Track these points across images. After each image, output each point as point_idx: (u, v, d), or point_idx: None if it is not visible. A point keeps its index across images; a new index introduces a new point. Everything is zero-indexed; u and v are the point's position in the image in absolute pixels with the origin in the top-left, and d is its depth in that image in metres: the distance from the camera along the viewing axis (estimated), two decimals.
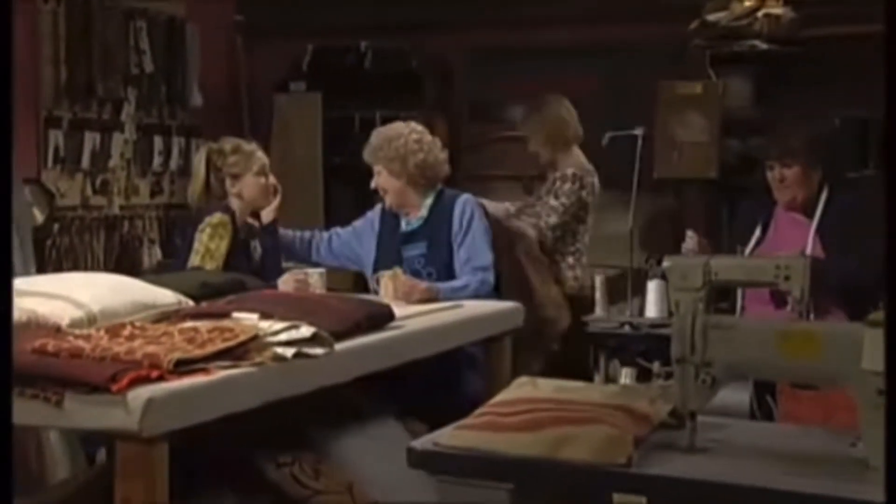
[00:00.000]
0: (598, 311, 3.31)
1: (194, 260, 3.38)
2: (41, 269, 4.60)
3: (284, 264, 3.78)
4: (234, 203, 3.55)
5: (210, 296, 2.82)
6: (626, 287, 3.44)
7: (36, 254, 4.61)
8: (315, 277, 3.51)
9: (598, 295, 3.36)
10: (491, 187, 5.64)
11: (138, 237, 5.22)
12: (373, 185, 3.69)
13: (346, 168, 5.67)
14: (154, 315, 2.63)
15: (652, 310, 3.16)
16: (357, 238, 3.82)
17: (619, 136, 3.81)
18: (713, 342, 1.80)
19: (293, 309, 2.64)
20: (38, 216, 4.66)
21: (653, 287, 3.16)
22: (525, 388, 2.02)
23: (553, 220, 4.22)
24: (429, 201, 3.67)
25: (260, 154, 3.62)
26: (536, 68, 5.59)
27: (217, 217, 3.42)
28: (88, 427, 2.01)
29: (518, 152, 5.62)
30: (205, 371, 2.16)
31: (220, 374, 2.17)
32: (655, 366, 3.10)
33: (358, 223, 3.86)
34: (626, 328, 3.17)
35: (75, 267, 4.89)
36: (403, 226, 3.70)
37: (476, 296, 3.52)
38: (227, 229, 3.43)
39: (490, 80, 5.74)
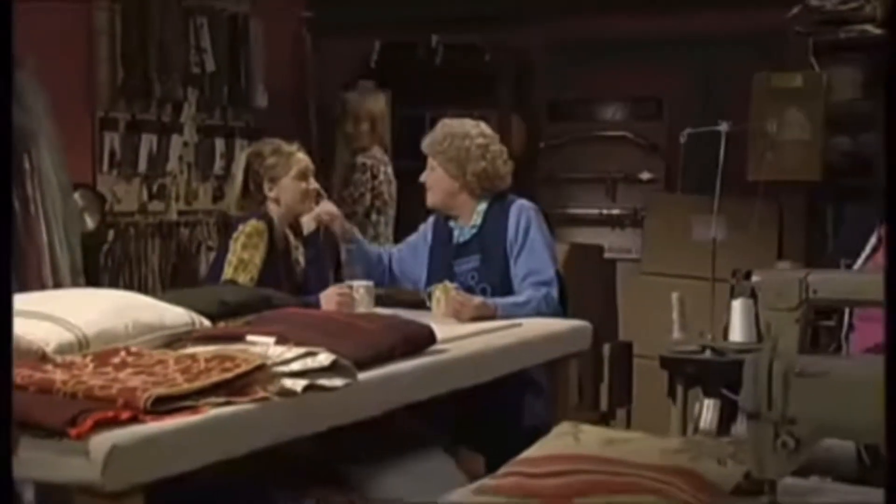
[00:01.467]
0: (675, 332, 2.90)
1: (227, 272, 3.10)
2: (94, 277, 4.40)
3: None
4: (273, 209, 3.26)
5: (229, 315, 2.52)
6: (706, 304, 3.01)
7: (90, 262, 4.42)
8: (361, 291, 3.19)
9: (674, 314, 2.95)
10: (571, 191, 5.30)
11: (197, 244, 4.98)
12: (422, 178, 3.39)
13: (416, 171, 5.36)
14: (162, 338, 2.34)
15: (737, 332, 2.74)
16: (413, 254, 3.50)
17: (701, 134, 3.38)
18: (797, 394, 1.40)
19: (315, 331, 2.33)
20: (90, 222, 4.45)
21: (739, 306, 2.74)
22: (564, 441, 1.65)
23: (358, 208, 4.59)
24: (482, 208, 3.34)
25: (301, 156, 3.34)
26: (620, 62, 5.22)
27: (251, 225, 3.13)
28: (44, 479, 1.71)
29: (601, 153, 5.27)
30: (192, 410, 1.84)
31: (210, 412, 1.85)
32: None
33: (412, 238, 3.55)
34: (708, 353, 2.75)
35: (130, 276, 4.68)
36: (455, 236, 3.36)
37: (538, 313, 3.16)
38: (263, 238, 3.14)
39: (571, 76, 5.37)
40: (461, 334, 2.74)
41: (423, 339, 2.49)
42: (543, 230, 3.28)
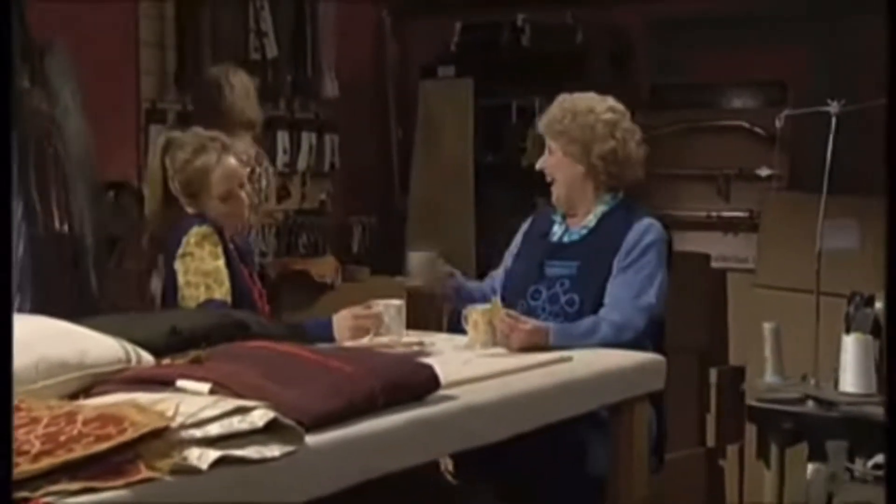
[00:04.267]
0: (767, 375, 2.24)
1: (199, 296, 2.53)
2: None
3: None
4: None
5: (181, 346, 2.00)
6: (808, 341, 2.32)
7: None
8: (392, 312, 2.62)
9: (766, 350, 2.28)
10: (676, 189, 4.63)
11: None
12: (539, 164, 2.88)
13: (500, 166, 4.89)
14: (79, 380, 1.84)
15: (850, 378, 2.06)
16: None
17: (805, 116, 2.70)
18: None
19: (269, 375, 1.79)
20: (124, 226, 4.05)
21: (853, 344, 2.06)
22: None
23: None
24: (601, 209, 2.81)
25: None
26: (735, 40, 4.59)
27: (195, 233, 2.59)
28: None
29: (712, 145, 4.61)
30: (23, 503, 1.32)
31: None
32: (857, 465, 2.00)
33: (507, 259, 3.01)
34: (811, 404, 2.09)
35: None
36: (556, 233, 2.85)
37: (604, 344, 2.56)
38: (215, 243, 2.62)
39: (676, 58, 4.75)
40: (481, 374, 2.15)
41: (419, 384, 1.92)
42: (663, 263, 2.73)
